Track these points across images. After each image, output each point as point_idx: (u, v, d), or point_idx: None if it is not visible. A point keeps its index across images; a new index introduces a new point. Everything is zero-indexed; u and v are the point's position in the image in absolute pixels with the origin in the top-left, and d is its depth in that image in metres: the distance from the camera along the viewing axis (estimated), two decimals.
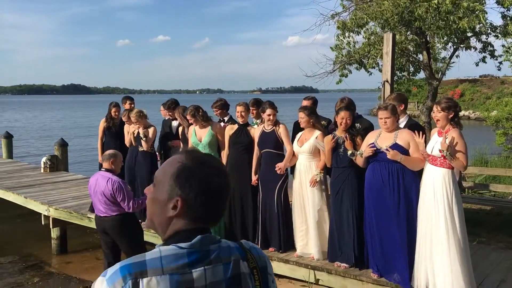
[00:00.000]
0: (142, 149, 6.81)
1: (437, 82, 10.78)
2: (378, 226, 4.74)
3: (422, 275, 4.51)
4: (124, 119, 7.37)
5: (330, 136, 5.13)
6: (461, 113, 43.37)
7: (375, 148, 4.69)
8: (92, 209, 7.54)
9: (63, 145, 11.64)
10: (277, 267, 5.65)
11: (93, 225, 7.32)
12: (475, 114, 40.76)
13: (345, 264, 5.15)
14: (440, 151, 4.28)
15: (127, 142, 7.16)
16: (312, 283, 5.36)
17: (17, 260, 7.70)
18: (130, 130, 7.02)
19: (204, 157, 1.42)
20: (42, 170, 11.25)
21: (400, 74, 12.36)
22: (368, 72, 11.69)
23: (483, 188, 7.70)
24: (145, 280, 1.26)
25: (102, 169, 5.08)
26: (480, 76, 46.51)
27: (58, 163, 11.41)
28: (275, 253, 5.70)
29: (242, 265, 1.38)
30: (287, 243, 5.68)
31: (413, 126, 5.00)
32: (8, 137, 13.99)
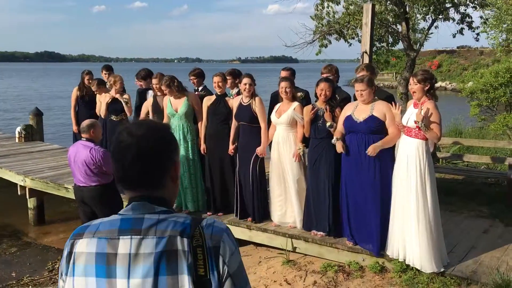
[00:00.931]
0: (116, 119, 6.74)
1: (414, 53, 10.83)
2: (353, 196, 4.85)
3: (395, 244, 4.65)
4: (93, 88, 7.22)
5: (309, 107, 5.14)
6: (438, 84, 43.85)
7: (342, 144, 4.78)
8: None
9: (38, 114, 11.42)
10: (256, 236, 5.76)
11: (70, 195, 7.30)
12: (451, 85, 41.26)
13: (321, 233, 5.26)
14: (415, 122, 4.36)
15: (99, 112, 7.03)
16: (289, 251, 5.47)
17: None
18: (103, 100, 6.92)
19: (128, 124, 1.42)
20: (17, 140, 11.05)
21: (379, 45, 12.37)
22: (348, 42, 11.67)
23: (457, 158, 7.88)
24: (79, 241, 1.34)
25: (82, 138, 5.00)
26: (458, 47, 46.87)
27: (33, 133, 11.21)
28: (253, 223, 5.77)
29: (179, 242, 1.29)
30: (261, 214, 5.76)
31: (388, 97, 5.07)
32: None
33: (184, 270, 1.27)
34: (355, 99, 4.93)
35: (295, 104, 5.31)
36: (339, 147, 4.83)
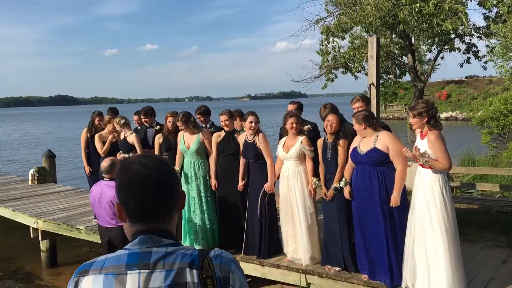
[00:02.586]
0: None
1: (422, 84, 10.91)
2: (362, 228, 4.79)
3: (414, 276, 4.53)
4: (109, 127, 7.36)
5: (321, 140, 5.18)
6: (448, 114, 43.78)
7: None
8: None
9: (51, 156, 11.55)
10: (269, 272, 5.67)
11: (82, 236, 7.30)
12: (462, 115, 41.16)
13: (335, 268, 5.17)
14: (417, 161, 4.34)
15: (103, 151, 7.14)
16: (304, 287, 5.37)
17: (6, 274, 7.63)
18: (106, 139, 7.11)
19: (135, 158, 1.40)
20: (30, 183, 11.15)
21: (386, 77, 12.49)
22: (354, 76, 11.80)
23: (470, 187, 7.78)
24: (85, 278, 1.31)
25: (104, 179, 4.99)
26: (466, 77, 47.00)
27: (46, 175, 11.31)
28: (264, 259, 5.69)
29: (189, 274, 1.28)
30: (270, 250, 5.69)
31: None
32: None
33: None
34: None
35: (302, 137, 5.33)
36: (346, 193, 4.87)
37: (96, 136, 7.31)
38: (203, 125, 6.58)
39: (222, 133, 5.98)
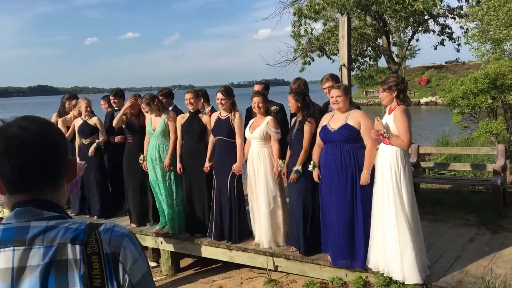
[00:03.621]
0: (86, 142, 6.73)
1: (396, 67, 10.84)
2: (331, 208, 4.67)
3: (376, 256, 4.47)
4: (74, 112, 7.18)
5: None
6: (428, 99, 44.10)
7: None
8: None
9: None
10: (236, 256, 5.57)
11: None
12: (441, 100, 41.52)
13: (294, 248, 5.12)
14: (377, 131, 4.26)
15: (67, 135, 6.96)
16: (271, 270, 5.28)
17: None
18: (73, 124, 6.95)
19: (14, 120, 1.23)
20: None
21: (362, 60, 12.39)
22: (330, 59, 11.68)
23: (442, 167, 7.75)
24: None
25: None
26: (446, 63, 47.33)
27: None
28: (232, 243, 5.58)
29: (70, 250, 1.13)
30: (241, 234, 5.57)
31: None
32: None
33: (76, 282, 1.10)
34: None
35: (268, 118, 5.19)
36: (315, 176, 4.76)
37: (60, 121, 7.11)
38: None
39: (186, 115, 5.81)
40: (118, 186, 6.82)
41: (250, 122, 5.40)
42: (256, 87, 5.78)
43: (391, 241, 4.30)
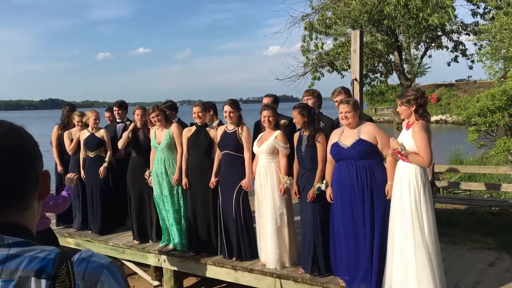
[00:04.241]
0: (92, 155, 6.55)
1: (408, 83, 10.62)
2: (346, 229, 4.41)
3: (391, 280, 4.19)
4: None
5: (297, 135, 4.85)
6: (438, 117, 43.73)
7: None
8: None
9: None
10: (242, 277, 5.31)
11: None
12: (451, 118, 41.11)
13: (303, 270, 4.86)
14: (394, 150, 4.02)
15: (70, 149, 6.86)
16: None
17: None
18: (76, 136, 6.79)
19: None
20: None
21: (373, 76, 12.20)
22: (340, 74, 11.51)
23: (456, 186, 7.45)
24: None
25: None
26: (456, 81, 47.01)
27: None
28: (239, 263, 5.33)
29: (35, 285, 0.91)
30: (248, 253, 5.31)
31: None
32: None
33: None
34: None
35: (277, 132, 4.97)
36: (328, 196, 4.52)
37: (65, 133, 6.95)
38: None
39: (193, 128, 5.61)
40: (121, 201, 6.61)
41: (259, 136, 5.19)
42: (266, 100, 5.57)
43: (409, 265, 4.02)
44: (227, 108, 5.22)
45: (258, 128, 5.53)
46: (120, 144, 6.20)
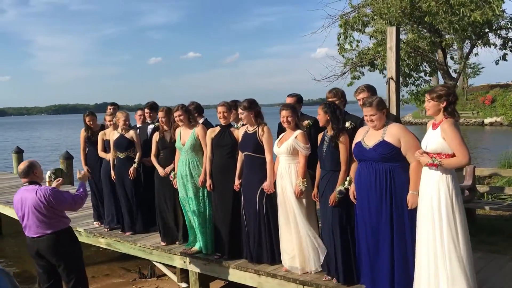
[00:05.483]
0: (122, 156, 6.56)
1: (453, 82, 10.11)
2: (366, 235, 4.17)
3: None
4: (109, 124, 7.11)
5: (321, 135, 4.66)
6: (493, 119, 41.86)
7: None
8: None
9: (68, 158, 11.45)
10: (265, 282, 5.16)
11: (82, 239, 7.00)
12: (501, 118, 39.33)
13: (328, 277, 4.65)
14: (427, 164, 3.73)
15: (101, 150, 6.99)
16: None
17: (21, 274, 7.58)
18: (111, 137, 6.82)
19: None
20: (47, 184, 11.02)
21: (416, 75, 11.73)
22: (381, 73, 11.14)
23: (499, 191, 6.96)
24: None
25: (24, 184, 4.57)
26: None
27: (63, 177, 11.17)
28: (262, 267, 5.18)
29: None
30: (271, 255, 5.15)
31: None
32: (19, 152, 13.95)
33: None
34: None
35: (297, 132, 4.79)
36: (351, 194, 4.32)
37: (100, 134, 7.07)
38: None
39: (217, 128, 5.52)
40: (151, 202, 6.61)
41: (280, 136, 5.03)
42: (288, 100, 5.37)
43: (440, 275, 3.73)
44: (239, 110, 5.11)
45: (281, 129, 5.36)
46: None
